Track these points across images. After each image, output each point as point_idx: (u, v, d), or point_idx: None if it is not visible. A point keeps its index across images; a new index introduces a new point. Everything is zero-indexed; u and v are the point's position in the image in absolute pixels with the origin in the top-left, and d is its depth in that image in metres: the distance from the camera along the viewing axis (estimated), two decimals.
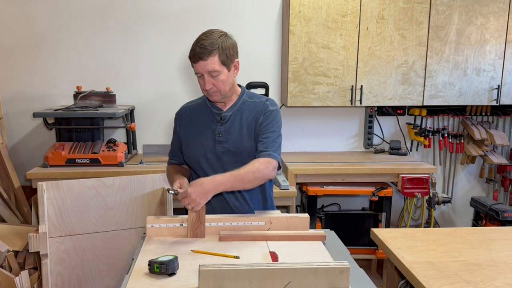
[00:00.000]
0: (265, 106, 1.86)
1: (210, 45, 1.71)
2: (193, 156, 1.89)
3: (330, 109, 3.64)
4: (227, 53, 1.75)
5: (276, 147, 1.80)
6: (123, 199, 2.02)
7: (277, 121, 1.85)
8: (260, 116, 1.84)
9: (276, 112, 1.86)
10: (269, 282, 1.21)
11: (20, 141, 3.54)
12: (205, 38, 1.73)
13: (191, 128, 1.92)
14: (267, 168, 1.74)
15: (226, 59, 1.75)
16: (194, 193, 1.59)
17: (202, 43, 1.72)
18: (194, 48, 1.74)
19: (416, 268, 1.55)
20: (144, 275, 1.38)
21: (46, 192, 1.90)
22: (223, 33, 1.79)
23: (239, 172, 1.69)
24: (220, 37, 1.75)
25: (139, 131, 3.54)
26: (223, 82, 1.77)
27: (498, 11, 3.26)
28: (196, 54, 1.73)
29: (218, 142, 1.84)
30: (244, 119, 1.85)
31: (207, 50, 1.71)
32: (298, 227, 1.73)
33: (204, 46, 1.71)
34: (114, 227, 2.04)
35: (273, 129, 1.83)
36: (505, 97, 3.37)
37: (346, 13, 3.19)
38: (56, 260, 1.95)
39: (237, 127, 1.84)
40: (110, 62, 3.49)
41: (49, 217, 1.92)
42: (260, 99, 1.90)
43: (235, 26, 3.49)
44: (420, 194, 3.20)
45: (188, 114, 1.95)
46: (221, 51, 1.73)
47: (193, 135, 1.90)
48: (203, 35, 1.76)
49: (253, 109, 1.86)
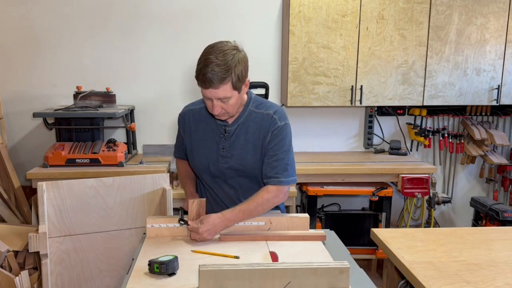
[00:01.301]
0: (273, 121, 1.73)
1: (223, 71, 1.54)
2: (196, 166, 1.88)
3: (330, 109, 3.64)
4: (240, 75, 1.59)
5: (288, 169, 1.73)
6: (123, 199, 2.02)
7: (287, 137, 1.75)
8: (268, 134, 1.72)
9: (285, 127, 1.74)
10: (269, 282, 1.21)
11: (20, 141, 3.54)
12: (217, 61, 1.54)
13: (195, 137, 1.84)
14: (276, 197, 1.73)
15: (238, 82, 1.59)
16: (205, 232, 1.62)
17: (213, 68, 1.54)
18: (205, 72, 1.55)
19: (416, 268, 1.55)
20: (144, 275, 1.38)
21: (46, 192, 1.90)
22: (235, 49, 1.60)
23: (248, 207, 1.69)
24: (233, 58, 1.56)
25: (139, 131, 3.54)
26: (233, 106, 1.65)
27: (498, 11, 3.26)
28: (206, 80, 1.56)
29: (221, 157, 1.78)
30: (250, 134, 1.75)
31: (219, 77, 1.54)
32: (298, 227, 1.73)
33: (215, 72, 1.54)
34: (114, 227, 2.03)
35: (284, 149, 1.73)
36: (505, 97, 3.37)
37: (346, 13, 3.19)
38: (56, 260, 1.95)
39: (241, 142, 1.76)
40: (110, 62, 3.49)
41: (49, 217, 1.92)
42: (267, 110, 1.76)
43: (235, 26, 3.50)
44: (420, 194, 3.20)
45: (192, 119, 1.85)
46: (234, 76, 1.57)
47: (197, 144, 1.84)
48: (214, 55, 1.55)
49: (260, 123, 1.74)
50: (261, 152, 1.75)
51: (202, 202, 1.70)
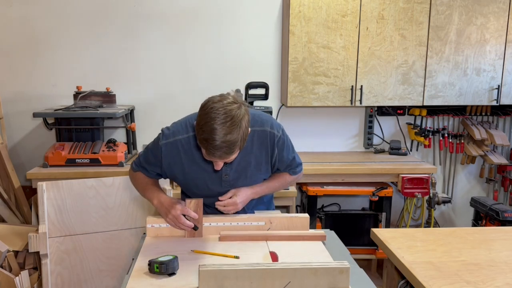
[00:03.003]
0: (271, 136, 1.73)
1: (231, 148, 1.46)
2: (194, 193, 1.80)
3: (330, 109, 3.64)
4: (245, 138, 1.51)
5: (297, 161, 1.90)
6: (123, 199, 2.02)
7: (288, 140, 1.82)
8: (274, 149, 1.75)
9: (283, 133, 1.78)
10: (269, 282, 1.21)
11: (20, 141, 3.54)
12: (224, 137, 1.42)
13: (189, 168, 1.72)
14: (295, 179, 1.94)
15: (243, 144, 1.51)
16: (241, 203, 1.72)
17: (221, 145, 1.43)
18: (213, 146, 1.44)
19: (416, 268, 1.55)
20: (144, 275, 1.38)
21: (46, 192, 1.90)
22: (242, 113, 1.47)
23: (274, 185, 1.86)
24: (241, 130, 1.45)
25: (139, 131, 3.53)
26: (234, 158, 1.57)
27: (498, 11, 3.26)
28: (211, 153, 1.48)
29: (225, 182, 1.74)
30: (252, 155, 1.72)
31: (227, 154, 1.48)
32: (298, 227, 1.73)
33: (224, 151, 1.45)
34: (114, 227, 2.04)
35: (289, 151, 1.83)
36: (505, 97, 3.37)
37: (346, 13, 3.19)
38: (56, 260, 1.95)
39: (244, 164, 1.73)
40: (110, 62, 3.49)
41: (49, 217, 1.92)
42: (262, 126, 1.71)
43: (235, 26, 3.50)
44: (420, 194, 3.19)
45: (181, 151, 1.70)
46: (241, 142, 1.48)
47: (194, 175, 1.73)
48: (222, 128, 1.41)
49: (259, 141, 1.72)
50: (269, 165, 1.80)
51: (200, 202, 1.69)
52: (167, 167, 1.74)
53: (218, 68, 3.53)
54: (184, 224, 1.63)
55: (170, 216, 1.64)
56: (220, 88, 3.47)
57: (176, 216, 1.63)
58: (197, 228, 1.68)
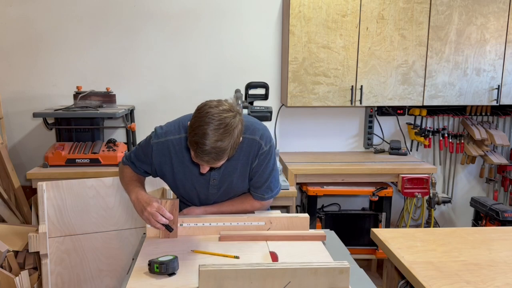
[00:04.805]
0: (258, 146, 1.70)
1: (220, 155, 1.46)
2: (182, 194, 1.84)
3: (330, 109, 3.64)
4: (235, 147, 1.51)
5: (271, 188, 1.81)
6: (123, 199, 2.02)
7: (272, 159, 1.76)
8: (255, 159, 1.72)
9: (270, 149, 1.73)
10: (269, 282, 1.21)
11: (20, 141, 3.54)
12: (214, 143, 1.43)
13: (178, 169, 1.73)
14: (259, 209, 1.85)
15: (232, 152, 1.52)
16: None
17: (210, 150, 1.43)
18: (202, 150, 1.44)
19: (416, 268, 1.55)
20: (144, 275, 1.39)
21: (46, 192, 1.90)
22: (236, 123, 1.48)
23: (229, 209, 1.82)
24: (232, 139, 1.46)
25: (139, 131, 3.53)
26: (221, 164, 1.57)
27: (498, 11, 3.26)
28: (199, 157, 1.48)
29: (212, 186, 1.76)
30: (239, 162, 1.72)
31: (215, 160, 1.48)
32: (298, 227, 1.73)
33: (212, 157, 1.46)
34: (114, 227, 2.04)
35: (268, 170, 1.75)
36: (505, 97, 3.37)
37: (346, 13, 3.19)
38: (56, 260, 1.95)
39: (230, 170, 1.73)
40: (110, 62, 3.49)
41: (49, 217, 1.92)
42: (252, 134, 1.70)
43: (235, 26, 3.50)
44: (420, 194, 3.20)
45: (172, 151, 1.71)
46: (230, 153, 1.50)
47: (182, 176, 1.75)
48: (214, 134, 1.42)
49: (248, 149, 1.71)
50: (249, 176, 1.77)
51: (176, 203, 1.66)
52: (158, 166, 1.75)
53: (218, 68, 3.53)
54: (160, 222, 1.60)
55: (145, 213, 1.63)
56: (220, 88, 3.52)
57: (151, 213, 1.60)
58: (172, 230, 1.65)
